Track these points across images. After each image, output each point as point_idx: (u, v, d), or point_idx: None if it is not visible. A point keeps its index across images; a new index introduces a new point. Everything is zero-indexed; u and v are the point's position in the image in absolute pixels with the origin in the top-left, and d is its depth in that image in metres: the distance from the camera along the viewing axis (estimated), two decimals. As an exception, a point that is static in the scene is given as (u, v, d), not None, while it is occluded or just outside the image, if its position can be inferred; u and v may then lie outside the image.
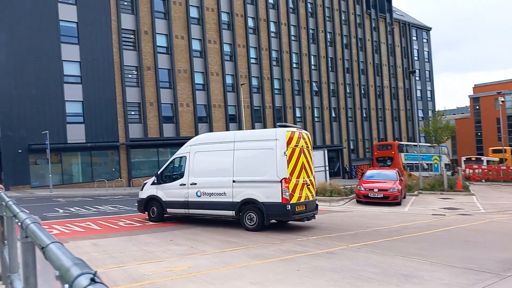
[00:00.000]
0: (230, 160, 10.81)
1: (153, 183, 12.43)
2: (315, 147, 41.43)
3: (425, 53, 62.76)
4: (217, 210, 10.96)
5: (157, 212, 12.09)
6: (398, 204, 16.70)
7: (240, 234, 9.79)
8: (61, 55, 29.36)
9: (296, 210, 10.08)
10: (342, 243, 8.66)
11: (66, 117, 29.43)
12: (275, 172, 9.98)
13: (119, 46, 32.17)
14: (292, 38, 44.44)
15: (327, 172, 21.48)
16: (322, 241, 8.97)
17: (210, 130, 36.93)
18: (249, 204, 10.32)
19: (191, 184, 11.32)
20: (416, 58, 60.76)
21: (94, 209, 16.03)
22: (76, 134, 29.63)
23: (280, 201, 9.82)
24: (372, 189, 17.01)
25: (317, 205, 11.30)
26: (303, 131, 11.30)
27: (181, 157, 12.31)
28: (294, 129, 10.80)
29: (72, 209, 15.98)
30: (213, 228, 10.87)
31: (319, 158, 21.21)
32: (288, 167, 9.99)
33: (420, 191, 21.96)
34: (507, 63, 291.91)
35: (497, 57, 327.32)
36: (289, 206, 9.78)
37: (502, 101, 45.58)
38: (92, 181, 29.33)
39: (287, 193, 9.81)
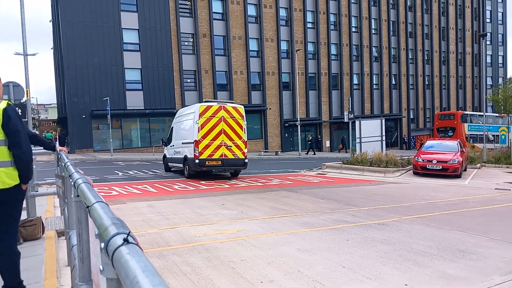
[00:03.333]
0: (182, 128, 15.53)
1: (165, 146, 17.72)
2: (372, 116, 40.13)
3: (499, 14, 57.42)
4: (178, 163, 15.66)
5: (165, 165, 17.61)
6: (458, 176, 15.88)
7: (290, 202, 9.83)
8: (120, 23, 30.31)
9: (206, 164, 13.92)
10: (395, 215, 8.42)
11: (125, 84, 30.69)
12: (193, 136, 13.96)
13: (176, 13, 32.55)
14: (352, 0, 42.43)
15: (383, 142, 20.73)
16: (374, 212, 8.77)
17: (263, 97, 36.90)
18: (185, 159, 14.63)
19: (170, 146, 16.68)
20: (488, 20, 55.81)
21: (151, 173, 16.81)
22: (135, 100, 30.89)
23: (193, 156, 13.87)
24: (431, 161, 16.26)
25: (245, 163, 14.73)
26: (230, 104, 14.77)
27: (171, 127, 17.24)
28: (214, 103, 14.46)
29: (130, 172, 16.88)
30: (264, 195, 11.00)
31: (375, 127, 20.49)
32: (200, 132, 13.74)
33: (484, 163, 20.73)
34: None
35: None
36: (198, 160, 13.77)
37: None
38: (150, 146, 30.71)
39: (197, 151, 13.74)
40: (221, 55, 35.07)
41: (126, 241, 1.16)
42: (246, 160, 14.74)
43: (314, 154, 33.30)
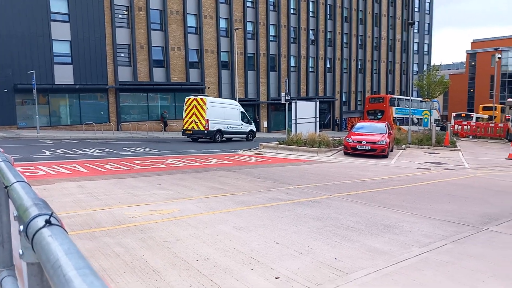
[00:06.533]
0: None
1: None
2: (308, 98, 41.19)
3: (427, 4, 60.97)
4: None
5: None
6: (385, 157, 16.92)
7: (227, 182, 9.89)
8: (46, -10, 27.98)
9: (186, 132, 24.15)
10: (326, 192, 8.81)
11: (53, 57, 28.58)
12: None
13: (109, -16, 30.70)
14: (291, -18, 42.67)
15: (317, 123, 21.43)
16: (307, 190, 9.10)
17: (202, 76, 36.36)
18: None
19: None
20: (417, 10, 59.08)
21: (81, 152, 16.02)
22: (64, 75, 28.94)
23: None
24: (360, 141, 17.12)
25: (205, 132, 23.45)
26: (200, 96, 24.29)
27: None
28: (192, 97, 24.05)
29: (59, 151, 15.94)
30: (202, 174, 10.96)
31: (310, 109, 21.08)
32: (184, 115, 23.99)
33: (408, 145, 22.21)
34: (508, 19, 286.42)
35: (497, 12, 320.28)
36: (184, 130, 24.12)
37: (499, 58, 45.11)
38: (80, 124, 29.14)
39: (184, 126, 24.04)
40: (158, 30, 33.82)
41: (48, 222, 1.10)
42: (206, 131, 23.39)
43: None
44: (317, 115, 21.45)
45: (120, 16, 31.87)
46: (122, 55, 32.16)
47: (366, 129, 18.81)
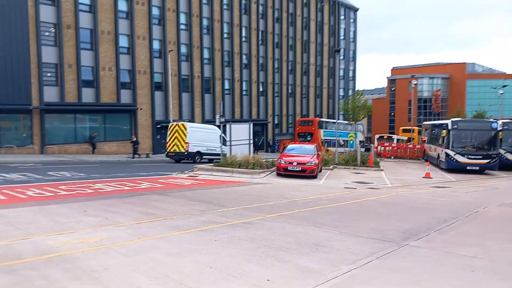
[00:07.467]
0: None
1: None
2: (242, 120, 41.77)
3: (351, 33, 65.25)
4: None
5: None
6: (314, 177, 17.57)
7: (160, 206, 9.69)
8: (-39, 3, 25.99)
9: (169, 154, 27.00)
10: (260, 213, 8.95)
11: (-32, 74, 26.40)
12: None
13: (35, 0, 29.26)
14: (224, 6, 43.63)
15: (251, 145, 21.80)
16: (241, 211, 9.19)
17: (134, 97, 35.55)
18: None
19: None
20: (342, 38, 62.97)
21: (0, 178, 14.79)
22: (-20, 94, 26.78)
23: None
24: (292, 163, 17.67)
25: (184, 154, 26.27)
26: (181, 122, 27.45)
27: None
28: (175, 123, 27.20)
29: (-27, 177, 14.59)
30: (133, 199, 10.62)
31: (244, 131, 21.41)
32: (168, 138, 26.84)
33: (336, 165, 23.25)
34: (424, 48, 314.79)
35: (415, 40, 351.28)
36: (167, 152, 27.07)
37: (415, 84, 49.23)
38: (-1, 147, 26.95)
39: (168, 148, 26.98)
40: (88, 49, 32.65)
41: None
42: (186, 153, 26.25)
43: (133, 157, 29.72)
44: (251, 137, 21.81)
45: (46, 34, 30.39)
46: (49, 74, 30.54)
47: (296, 151, 19.47)
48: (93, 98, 32.96)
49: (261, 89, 48.85)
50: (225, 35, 43.97)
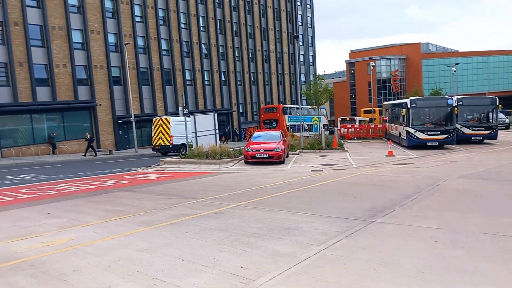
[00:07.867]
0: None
1: None
2: (206, 111, 41.43)
3: (308, 18, 65.73)
4: None
5: None
6: (282, 163, 17.76)
7: (127, 203, 9.51)
8: None
9: (155, 148, 27.57)
10: (230, 202, 8.97)
11: None
12: None
13: (-25, -5, 27.58)
14: (179, -4, 42.72)
15: (217, 135, 21.70)
16: (211, 202, 9.18)
17: (92, 93, 34.44)
18: None
19: None
20: (300, 24, 63.30)
21: (-47, 185, 14.02)
22: None
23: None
24: (259, 150, 17.76)
25: (170, 147, 26.62)
26: (164, 116, 28.11)
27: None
28: (158, 117, 27.88)
29: None
30: (98, 198, 10.36)
31: (209, 121, 21.26)
32: (153, 133, 27.51)
33: (302, 150, 23.57)
34: (381, 31, 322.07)
35: (372, 26, 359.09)
36: (153, 146, 27.71)
37: (373, 66, 50.38)
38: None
39: (153, 142, 27.59)
40: (39, 46, 31.21)
41: None
42: (171, 146, 26.56)
43: (96, 155, 29.23)
44: (217, 127, 21.70)
45: (-9, 31, 28.77)
46: (-2, 74, 29.01)
47: (263, 138, 19.56)
48: (49, 97, 31.66)
49: (223, 78, 48.51)
50: (183, 26, 43.18)
